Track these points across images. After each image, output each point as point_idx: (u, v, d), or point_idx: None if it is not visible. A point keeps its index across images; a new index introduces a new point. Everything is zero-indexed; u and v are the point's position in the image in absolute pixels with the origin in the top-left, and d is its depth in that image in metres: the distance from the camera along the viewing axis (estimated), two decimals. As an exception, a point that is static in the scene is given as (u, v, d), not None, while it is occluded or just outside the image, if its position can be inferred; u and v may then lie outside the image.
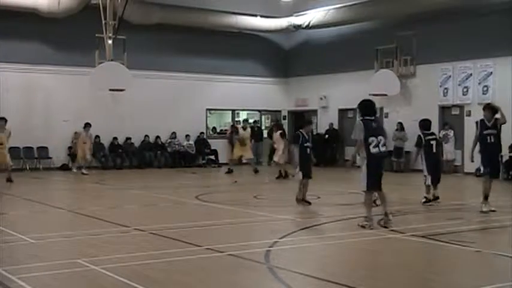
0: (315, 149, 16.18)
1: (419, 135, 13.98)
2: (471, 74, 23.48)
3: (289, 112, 31.28)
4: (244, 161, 25.00)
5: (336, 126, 28.72)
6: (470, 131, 17.09)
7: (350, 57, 27.26)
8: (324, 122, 28.99)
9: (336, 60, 28.00)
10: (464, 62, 23.59)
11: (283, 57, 31.27)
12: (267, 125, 31.36)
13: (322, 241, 9.80)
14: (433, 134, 14.25)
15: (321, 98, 29.31)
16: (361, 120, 10.75)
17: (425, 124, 14.22)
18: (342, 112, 28.83)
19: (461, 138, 23.38)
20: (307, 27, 28.40)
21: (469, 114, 23.11)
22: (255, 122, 30.37)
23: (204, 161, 28.35)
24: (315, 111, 29.89)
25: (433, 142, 13.86)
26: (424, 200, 13.72)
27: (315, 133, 28.84)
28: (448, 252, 8.97)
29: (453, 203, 13.47)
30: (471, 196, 15.04)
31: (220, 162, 28.30)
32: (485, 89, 23.07)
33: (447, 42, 23.99)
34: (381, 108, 26.49)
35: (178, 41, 27.63)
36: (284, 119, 31.30)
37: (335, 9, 26.85)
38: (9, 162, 19.20)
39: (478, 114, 22.13)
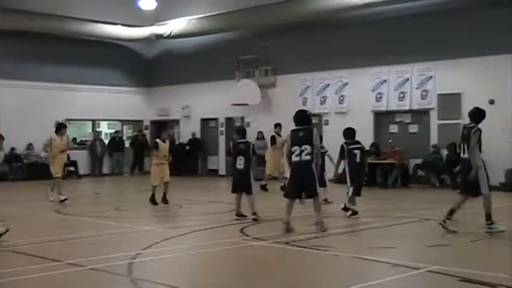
0: (177, 159, 16.20)
1: (341, 145, 13.35)
2: (328, 84, 24.34)
3: (151, 122, 31.01)
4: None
5: (198, 136, 28.81)
6: (329, 139, 17.64)
7: (212, 67, 27.45)
8: (186, 131, 28.98)
9: (198, 69, 28.11)
10: (321, 72, 24.42)
11: (145, 66, 30.97)
12: (128, 136, 30.91)
13: (186, 251, 9.76)
14: (357, 142, 13.46)
15: (183, 108, 29.29)
16: (291, 130, 11.20)
17: (348, 133, 13.54)
18: (204, 122, 28.95)
19: (319, 147, 24.11)
20: (169, 36, 28.34)
21: (327, 123, 23.91)
22: (116, 132, 29.86)
23: (63, 173, 27.35)
24: (177, 121, 29.82)
25: (357, 151, 13.22)
26: (350, 212, 13.14)
27: (177, 143, 28.89)
28: (308, 257, 9.21)
29: (303, 210, 13.85)
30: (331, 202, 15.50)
31: (80, 173, 27.52)
32: (341, 98, 23.99)
33: (306, 53, 24.75)
34: (242, 118, 26.91)
35: (36, 49, 26.66)
36: (146, 128, 30.99)
37: (197, 19, 26.98)
38: None
39: (336, 123, 23.11)
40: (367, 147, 22.12)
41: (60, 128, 17.42)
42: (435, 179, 21.38)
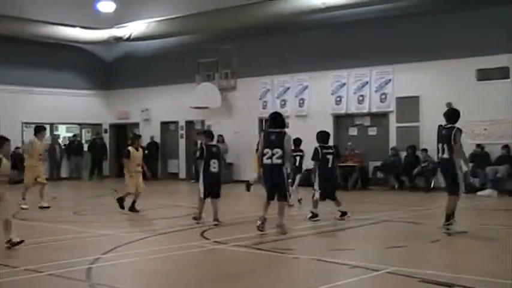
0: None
1: (316, 148, 13.24)
2: (289, 88, 24.43)
3: (111, 125, 30.73)
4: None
5: (157, 139, 28.62)
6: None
7: (172, 70, 27.34)
8: (146, 135, 28.74)
9: (159, 72, 27.97)
10: (282, 76, 24.51)
11: (105, 69, 30.69)
12: (87, 139, 30.54)
13: (147, 255, 9.68)
14: (330, 147, 13.46)
15: (143, 111, 29.10)
16: (263, 132, 11.46)
17: (322, 136, 13.41)
18: (164, 125, 28.81)
19: (280, 150, 24.12)
20: (129, 39, 28.10)
21: (287, 126, 23.89)
22: (74, 136, 29.47)
23: (21, 178, 26.86)
24: (136, 124, 29.57)
25: (330, 156, 13.11)
26: (310, 215, 13.10)
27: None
28: (269, 260, 9.21)
29: (274, 212, 13.84)
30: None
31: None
32: (301, 101, 24.10)
33: (266, 56, 24.82)
34: (203, 121, 26.85)
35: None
36: (105, 132, 30.69)
37: (156, 22, 26.81)
38: None
39: (296, 126, 23.20)
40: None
41: (40, 130, 16.61)
42: (394, 181, 21.63)
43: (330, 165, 13.14)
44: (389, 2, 21.39)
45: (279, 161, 11.02)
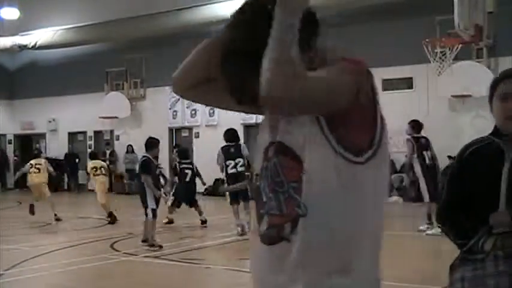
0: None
1: (175, 164, 14.45)
2: (199, 97, 24.36)
3: (15, 136, 29.79)
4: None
5: (66, 150, 27.94)
6: (199, 152, 17.69)
7: (80, 79, 26.73)
8: (53, 145, 28.05)
9: (66, 82, 27.28)
10: (192, 85, 24.42)
11: (8, 78, 29.71)
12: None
13: (53, 269, 9.41)
14: (191, 163, 14.55)
15: (50, 121, 28.37)
16: (221, 147, 12.53)
17: (181, 152, 15.01)
18: (72, 135, 28.17)
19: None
20: (34, 47, 27.36)
21: (197, 136, 23.94)
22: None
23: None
24: (43, 135, 28.81)
25: (188, 171, 14.03)
26: (166, 220, 13.57)
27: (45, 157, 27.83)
28: (180, 271, 9.15)
29: (185, 221, 13.78)
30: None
31: None
32: (211, 111, 24.10)
33: (175, 66, 23.93)
34: (111, 131, 26.43)
35: None
36: (10, 143, 29.73)
37: (63, 30, 26.23)
38: None
39: (206, 136, 23.23)
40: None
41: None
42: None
43: (187, 180, 13.92)
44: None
45: (243, 169, 12.25)
